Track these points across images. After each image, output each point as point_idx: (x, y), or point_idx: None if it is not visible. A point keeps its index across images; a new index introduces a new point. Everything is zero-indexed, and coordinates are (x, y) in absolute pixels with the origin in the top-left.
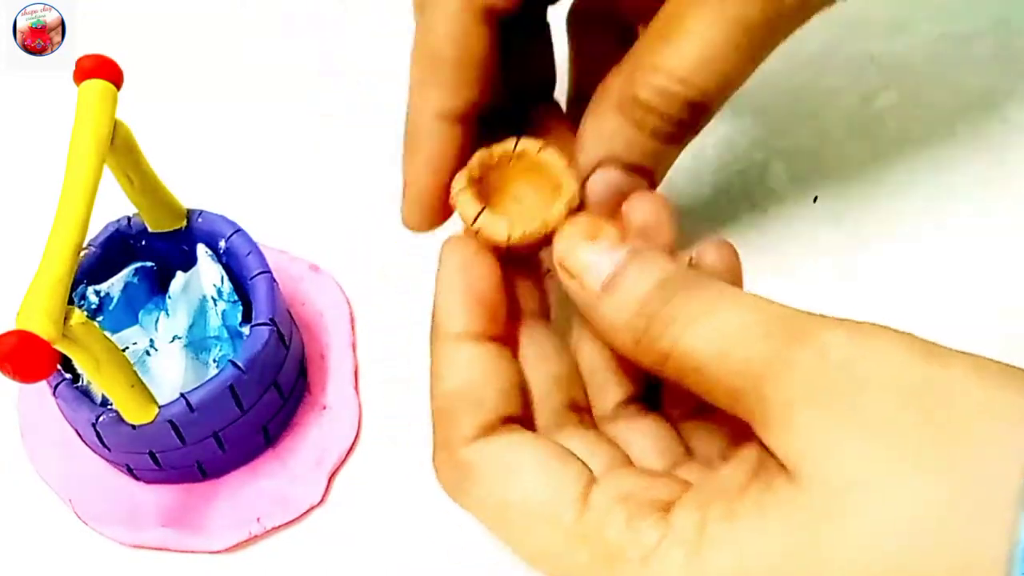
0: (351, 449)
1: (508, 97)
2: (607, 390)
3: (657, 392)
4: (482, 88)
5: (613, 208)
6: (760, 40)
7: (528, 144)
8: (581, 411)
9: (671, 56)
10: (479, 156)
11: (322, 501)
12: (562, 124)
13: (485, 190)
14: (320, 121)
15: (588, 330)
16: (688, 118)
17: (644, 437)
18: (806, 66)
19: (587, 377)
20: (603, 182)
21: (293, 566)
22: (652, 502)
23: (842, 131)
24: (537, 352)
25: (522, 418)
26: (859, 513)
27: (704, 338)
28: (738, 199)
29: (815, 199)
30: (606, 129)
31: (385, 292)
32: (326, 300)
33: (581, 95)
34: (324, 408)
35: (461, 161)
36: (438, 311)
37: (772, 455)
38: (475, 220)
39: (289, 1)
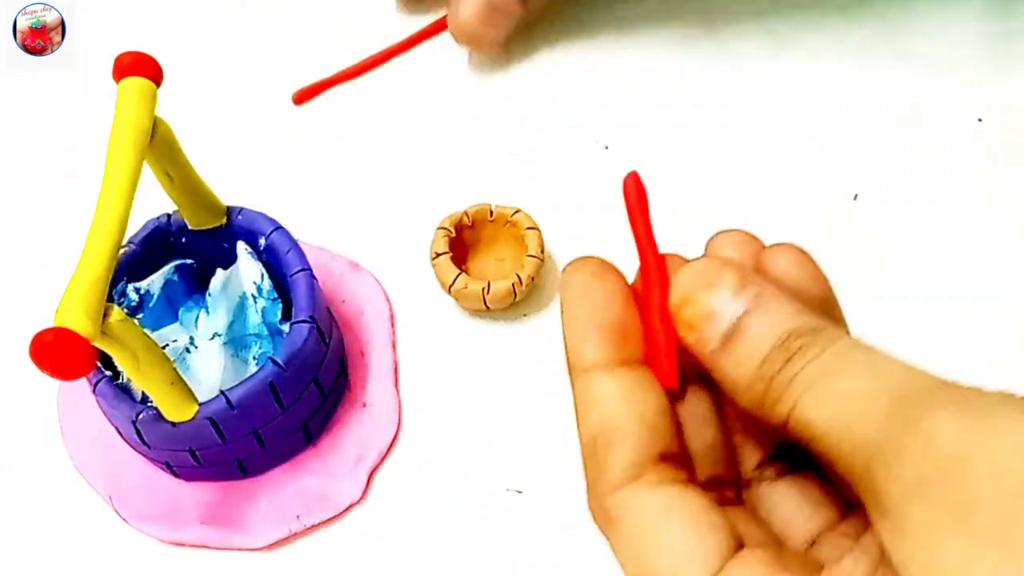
0: (391, 446)
1: None
2: (747, 450)
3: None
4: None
5: (487, 21)
6: None
7: (503, 208)
8: (726, 486)
9: None
10: (451, 218)
11: (362, 498)
12: None
13: (461, 247)
14: (359, 119)
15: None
16: None
17: (786, 502)
18: (845, 63)
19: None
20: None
21: (333, 564)
22: None
23: (881, 129)
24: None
25: (680, 455)
26: None
27: (822, 408)
28: (778, 197)
29: (855, 197)
30: None
31: (425, 289)
32: (366, 297)
33: None
34: (364, 405)
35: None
36: (568, 346)
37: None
38: (452, 285)
39: None
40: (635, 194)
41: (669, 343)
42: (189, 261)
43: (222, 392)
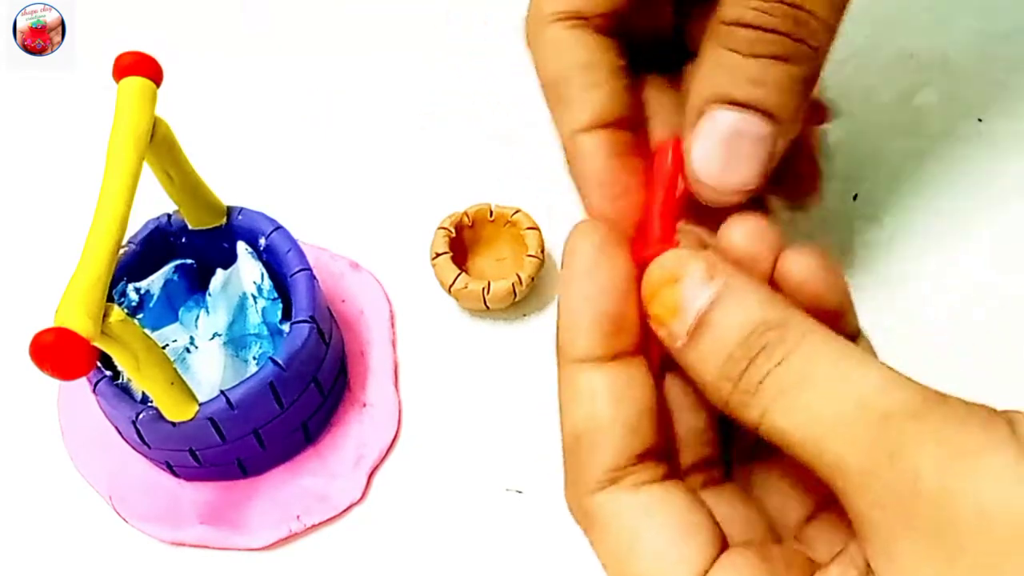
0: (391, 446)
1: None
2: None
3: None
4: (611, 86)
5: (734, 168)
6: None
7: (503, 208)
8: (712, 465)
9: None
10: (451, 218)
11: (362, 498)
12: None
13: (461, 247)
14: (359, 118)
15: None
16: (787, 28)
17: (781, 479)
18: (846, 63)
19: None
20: (713, 127)
21: (333, 563)
22: None
23: (882, 129)
24: (678, 402)
25: (659, 449)
26: None
27: (793, 418)
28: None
29: (855, 197)
30: (706, 64)
31: (425, 289)
32: (366, 297)
33: None
34: (364, 405)
35: (626, 169)
36: (560, 327)
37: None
38: (452, 285)
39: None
40: (672, 164)
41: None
42: (189, 261)
43: (222, 392)
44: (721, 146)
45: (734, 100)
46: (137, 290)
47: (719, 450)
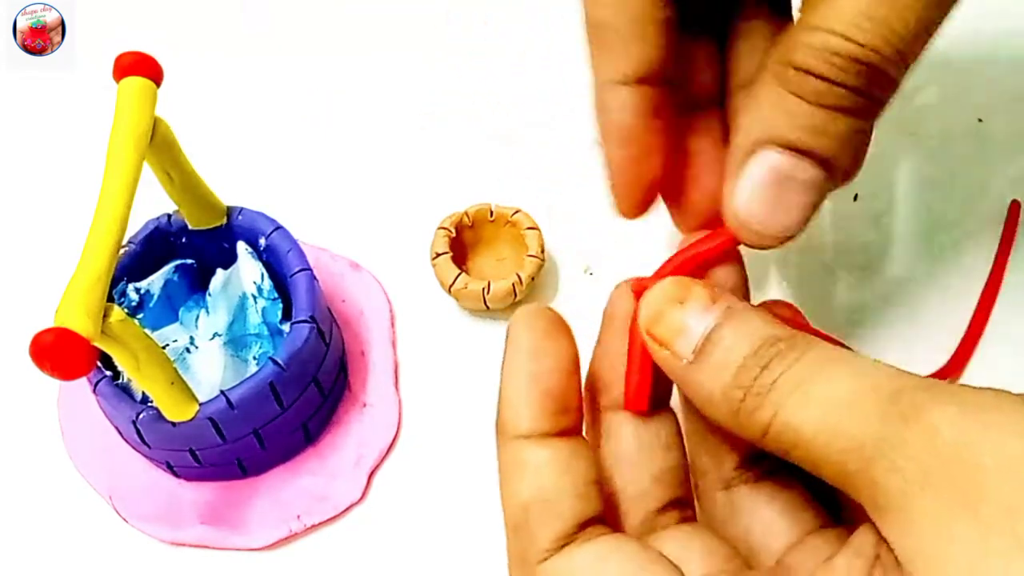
0: (391, 446)
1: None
2: (721, 459)
3: None
4: (655, 42)
5: (778, 211)
6: None
7: (503, 208)
8: (685, 506)
9: (831, 12)
10: (451, 218)
11: (362, 498)
12: (765, 21)
13: (461, 247)
14: (361, 120)
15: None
16: (858, 82)
17: (765, 508)
18: None
19: (698, 447)
20: (763, 169)
21: (333, 563)
22: None
23: (882, 129)
24: (642, 447)
25: (603, 517)
26: None
27: (806, 411)
28: None
29: (855, 197)
30: (764, 104)
31: (425, 289)
32: (366, 297)
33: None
34: (364, 405)
35: (654, 130)
36: (503, 404)
37: (888, 547)
38: (452, 284)
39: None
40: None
41: (644, 366)
42: (189, 261)
43: (222, 392)
44: (770, 189)
45: (790, 144)
46: (137, 290)
47: (689, 491)
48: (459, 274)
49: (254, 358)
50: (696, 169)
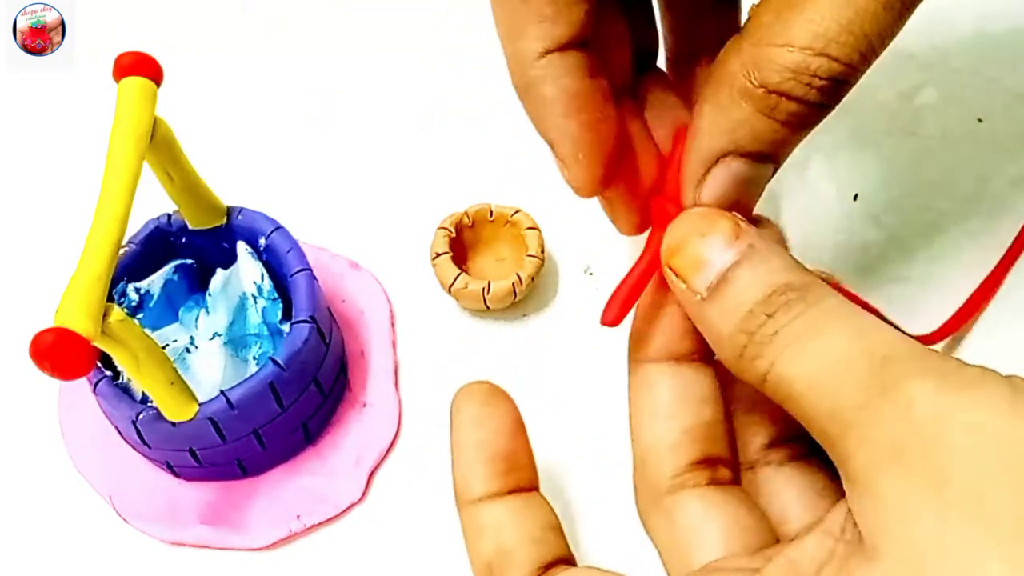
0: (391, 447)
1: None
2: (752, 430)
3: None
4: (586, 7)
5: (733, 202)
6: None
7: (503, 208)
8: (716, 464)
9: (804, 28)
10: (451, 218)
11: (362, 498)
12: (670, 95)
13: (461, 247)
14: (361, 120)
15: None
16: (832, 99)
17: (788, 488)
18: None
19: (737, 415)
20: (727, 175)
21: (333, 563)
22: None
23: (882, 129)
24: (675, 399)
25: (568, 558)
26: None
27: (799, 367)
28: (778, 197)
29: (855, 197)
30: (731, 119)
31: (425, 289)
32: (366, 297)
33: (679, 59)
34: (364, 405)
35: (602, 90)
36: (456, 475)
37: (854, 522)
38: (452, 284)
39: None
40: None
41: (639, 285)
42: (189, 261)
43: (222, 392)
44: (731, 192)
45: (754, 154)
46: (137, 290)
47: (731, 454)
48: (459, 274)
49: (254, 358)
50: (629, 160)
